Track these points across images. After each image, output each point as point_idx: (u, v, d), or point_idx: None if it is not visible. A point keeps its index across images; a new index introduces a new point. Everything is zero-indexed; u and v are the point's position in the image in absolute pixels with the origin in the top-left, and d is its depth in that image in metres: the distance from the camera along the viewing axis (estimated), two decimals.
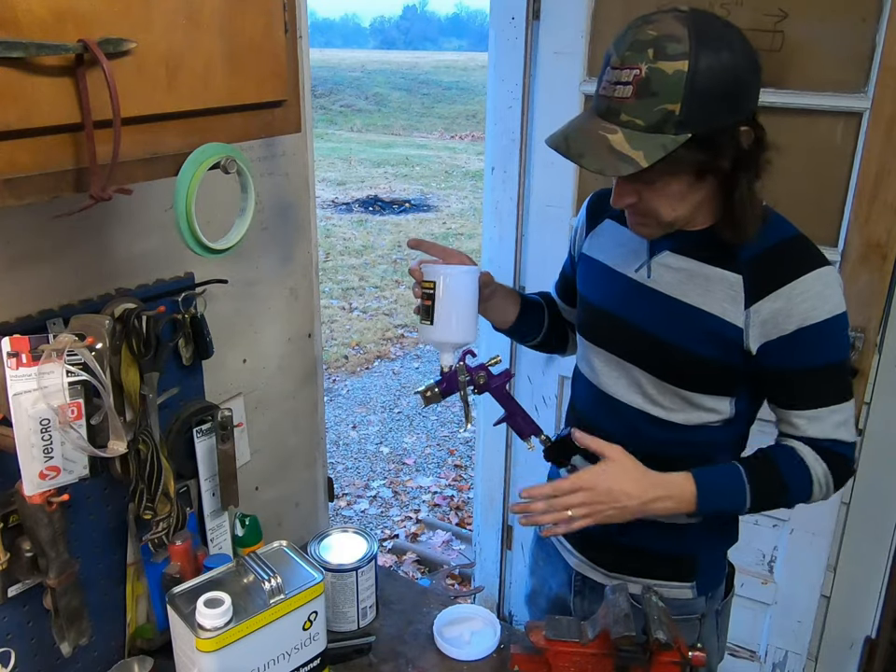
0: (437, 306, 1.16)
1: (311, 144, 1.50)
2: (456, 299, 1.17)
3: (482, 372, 1.20)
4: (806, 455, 1.09)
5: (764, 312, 1.04)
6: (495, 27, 2.03)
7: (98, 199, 0.75)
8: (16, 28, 0.65)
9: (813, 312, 1.03)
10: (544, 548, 1.41)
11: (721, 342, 1.07)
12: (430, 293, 1.16)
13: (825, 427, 1.08)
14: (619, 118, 0.95)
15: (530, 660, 1.11)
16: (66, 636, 1.04)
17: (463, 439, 4.22)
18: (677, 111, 0.92)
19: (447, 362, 1.19)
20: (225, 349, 1.35)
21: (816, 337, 1.04)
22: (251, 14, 0.87)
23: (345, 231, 8.45)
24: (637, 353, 1.16)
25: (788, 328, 1.03)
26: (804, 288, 1.03)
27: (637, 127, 0.94)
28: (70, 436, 0.91)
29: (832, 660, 1.99)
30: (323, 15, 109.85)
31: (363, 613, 1.31)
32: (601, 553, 1.27)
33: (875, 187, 1.61)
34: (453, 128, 16.03)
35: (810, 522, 1.86)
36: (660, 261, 1.13)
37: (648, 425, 1.16)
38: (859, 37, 1.58)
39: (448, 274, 1.16)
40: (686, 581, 1.22)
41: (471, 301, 1.18)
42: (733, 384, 1.11)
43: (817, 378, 1.08)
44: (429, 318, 1.16)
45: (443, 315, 1.16)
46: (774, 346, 1.05)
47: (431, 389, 1.20)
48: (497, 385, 1.21)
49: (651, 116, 0.93)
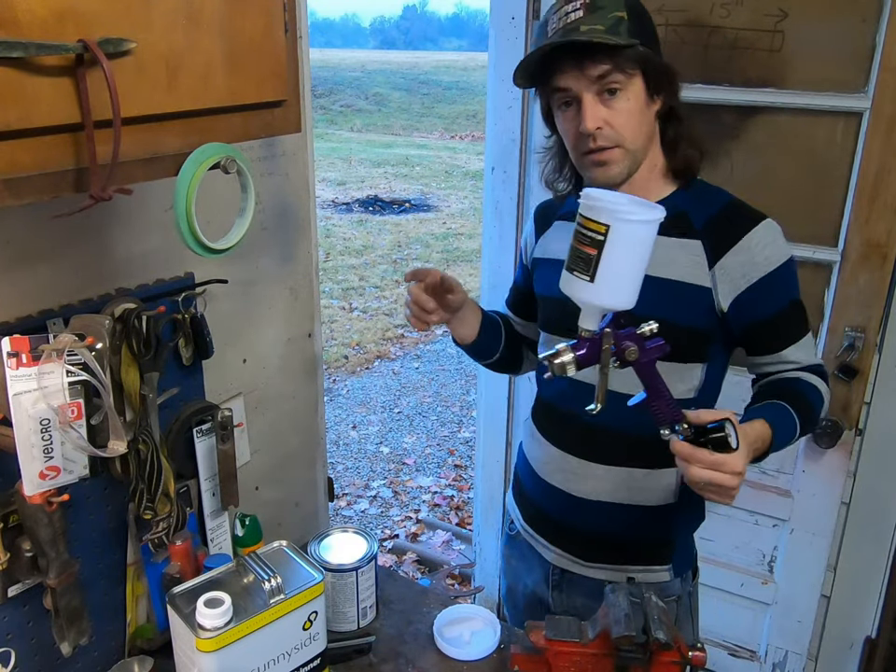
0: (603, 260, 0.87)
1: (311, 144, 1.50)
2: (634, 254, 0.89)
3: (632, 345, 0.93)
4: (813, 380, 1.18)
5: (729, 267, 1.13)
6: (495, 27, 2.03)
7: (98, 199, 0.75)
8: (16, 28, 0.65)
9: (773, 257, 1.13)
10: (516, 546, 1.42)
11: (691, 306, 1.14)
12: (599, 239, 0.87)
13: (805, 355, 1.19)
14: (579, 31, 1.05)
15: (530, 660, 1.11)
16: (66, 636, 1.04)
17: (463, 439, 4.22)
18: (625, 17, 1.06)
19: (590, 326, 0.94)
20: (225, 349, 1.35)
21: (780, 280, 1.14)
22: (251, 14, 0.87)
23: (345, 231, 8.46)
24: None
25: (754, 276, 1.12)
26: (759, 239, 1.12)
27: (598, 31, 1.05)
28: (70, 436, 0.91)
29: (832, 660, 1.99)
30: (323, 15, 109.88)
31: (363, 613, 1.31)
32: (580, 545, 1.28)
33: (875, 187, 1.61)
34: (453, 128, 16.03)
35: (810, 522, 1.86)
36: None
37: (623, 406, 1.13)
38: (859, 37, 1.58)
39: (630, 220, 0.87)
40: (663, 564, 1.26)
41: (648, 258, 0.91)
42: (705, 348, 1.17)
43: (789, 317, 1.18)
44: (589, 273, 0.88)
45: (612, 273, 0.88)
46: (745, 298, 1.13)
47: (564, 354, 0.93)
48: (648, 360, 0.95)
49: (607, 21, 1.05)
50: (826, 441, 1.76)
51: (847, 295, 1.69)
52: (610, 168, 1.13)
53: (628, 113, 1.10)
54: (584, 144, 1.12)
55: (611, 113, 1.09)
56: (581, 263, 0.89)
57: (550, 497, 1.29)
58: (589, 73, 1.07)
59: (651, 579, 1.25)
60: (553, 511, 1.30)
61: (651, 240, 0.90)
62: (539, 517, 1.34)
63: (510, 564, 1.46)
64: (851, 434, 1.76)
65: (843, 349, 1.71)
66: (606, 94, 1.09)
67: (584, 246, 0.89)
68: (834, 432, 1.75)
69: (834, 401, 1.74)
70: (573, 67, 1.08)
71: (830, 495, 1.82)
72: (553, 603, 1.34)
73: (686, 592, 1.29)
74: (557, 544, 1.31)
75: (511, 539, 1.44)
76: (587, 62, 1.07)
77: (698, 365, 1.18)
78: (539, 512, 1.34)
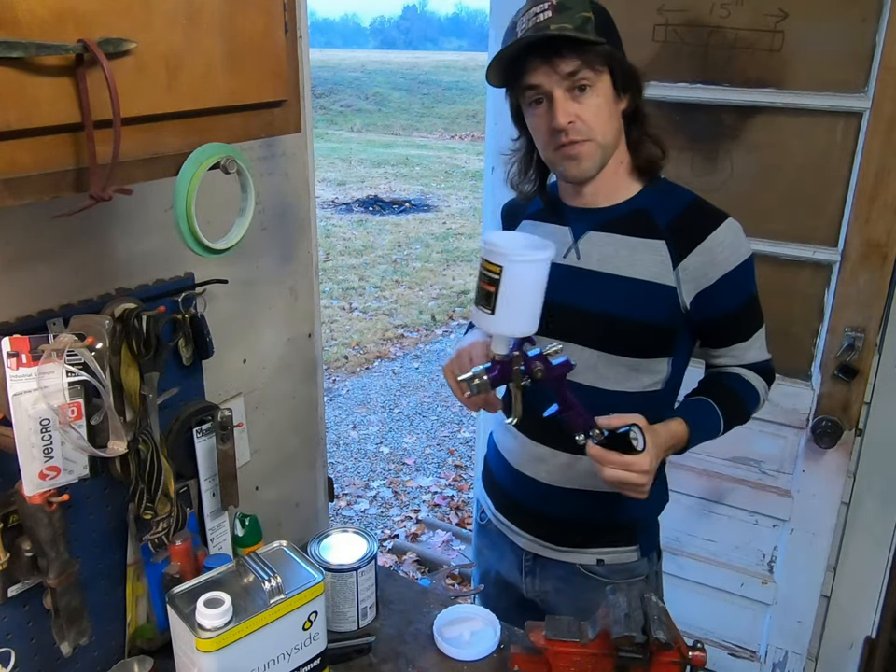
0: (500, 296, 0.99)
1: (311, 144, 1.50)
2: (525, 289, 1.01)
3: (539, 363, 1.06)
4: (751, 378, 1.26)
5: (691, 267, 1.17)
6: (495, 27, 2.03)
7: (98, 199, 0.75)
8: (16, 28, 0.65)
9: (732, 257, 1.17)
10: (487, 535, 1.45)
11: (657, 304, 1.18)
12: (495, 279, 0.99)
13: (754, 352, 1.27)
14: (550, 29, 1.08)
15: (530, 660, 1.11)
16: (66, 636, 1.04)
17: (463, 439, 4.22)
18: (591, 17, 1.09)
19: (501, 350, 1.06)
20: (225, 349, 1.35)
21: (737, 279, 1.18)
22: (251, 14, 0.87)
23: (345, 231, 8.46)
24: (581, 333, 1.22)
25: (714, 276, 1.17)
26: (720, 240, 1.17)
27: (567, 30, 1.08)
28: (70, 436, 0.91)
29: (832, 660, 1.99)
30: (323, 15, 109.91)
31: (363, 613, 1.31)
32: (552, 531, 1.32)
33: (875, 187, 1.61)
34: (453, 128, 16.04)
35: (810, 522, 1.86)
36: (585, 242, 1.23)
37: (595, 399, 1.19)
38: (859, 37, 1.58)
39: (520, 261, 0.99)
40: (630, 545, 1.31)
41: (541, 290, 1.02)
42: (672, 343, 1.22)
43: (746, 313, 1.24)
44: (490, 307, 1.00)
45: (508, 306, 1.00)
46: (704, 296, 1.18)
47: (480, 377, 1.06)
48: (555, 376, 1.07)
49: (575, 20, 1.08)
50: (826, 441, 1.76)
51: (847, 295, 1.69)
52: (582, 162, 1.16)
53: (598, 108, 1.13)
54: (556, 139, 1.15)
55: (581, 108, 1.12)
56: (483, 299, 1.01)
57: (521, 486, 1.33)
58: (559, 69, 1.10)
59: (620, 559, 1.31)
60: (525, 499, 1.34)
61: (541, 275, 1.01)
62: (510, 505, 1.38)
63: (481, 553, 1.49)
64: (851, 434, 1.76)
65: (843, 349, 1.70)
66: (576, 91, 1.11)
67: (485, 284, 1.01)
68: (834, 432, 1.75)
69: (834, 401, 1.74)
70: (543, 64, 1.10)
71: (830, 495, 1.82)
72: (525, 588, 1.38)
73: (653, 572, 1.35)
74: (529, 531, 1.35)
75: (482, 529, 1.47)
76: (557, 59, 1.09)
77: (665, 359, 1.23)
78: (511, 501, 1.37)
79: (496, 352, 1.06)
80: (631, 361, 1.21)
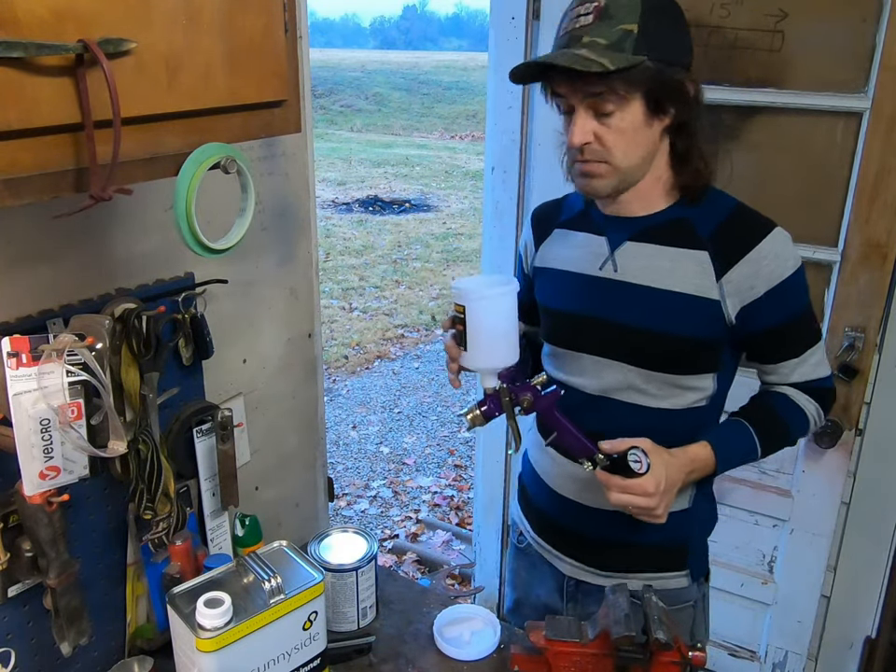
0: (469, 333, 1.05)
1: (311, 144, 1.50)
2: (490, 324, 1.06)
3: (527, 394, 1.09)
4: (798, 398, 1.19)
5: (737, 280, 1.10)
6: (495, 27, 2.03)
7: (98, 199, 0.75)
8: (16, 28, 0.65)
9: (779, 270, 1.10)
10: (526, 557, 1.39)
11: (701, 318, 1.12)
12: (461, 317, 1.06)
13: (807, 369, 1.18)
14: (581, 41, 1.02)
15: (530, 660, 1.11)
16: (66, 636, 1.04)
17: (463, 438, 4.22)
18: (634, 31, 1.01)
19: (489, 384, 1.10)
20: (225, 349, 1.35)
21: (785, 293, 1.12)
22: (251, 14, 0.87)
23: (345, 231, 8.46)
24: (619, 349, 1.16)
25: (761, 289, 1.11)
26: (766, 251, 1.10)
27: (599, 46, 1.01)
28: (70, 436, 0.91)
29: (832, 660, 1.99)
30: (323, 15, 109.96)
31: (363, 613, 1.31)
32: (595, 555, 1.26)
33: (875, 187, 1.61)
34: (453, 128, 16.03)
35: (810, 522, 1.86)
36: (623, 253, 1.17)
37: (635, 416, 1.17)
38: (859, 37, 1.58)
39: (477, 299, 1.05)
40: (680, 570, 1.25)
41: (508, 324, 1.07)
42: (717, 358, 1.16)
43: (793, 329, 1.17)
44: (462, 344, 1.07)
45: (476, 342, 1.06)
46: (750, 310, 1.12)
47: (473, 412, 1.11)
48: (544, 406, 1.10)
49: (612, 35, 1.01)
50: (826, 441, 1.76)
51: (847, 295, 1.69)
52: (595, 181, 1.11)
53: (620, 132, 1.06)
54: (573, 153, 1.11)
55: (602, 129, 1.06)
56: (458, 338, 1.09)
57: (561, 508, 1.27)
58: (583, 88, 1.05)
59: (669, 585, 1.24)
60: (566, 522, 1.28)
61: (503, 309, 1.06)
62: (550, 528, 1.32)
63: (519, 576, 1.43)
64: (851, 434, 1.76)
65: (843, 349, 1.70)
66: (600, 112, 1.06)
67: (457, 325, 1.08)
68: (834, 432, 1.75)
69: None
70: (567, 81, 1.06)
71: (830, 495, 1.82)
72: (567, 614, 1.32)
73: (701, 595, 1.29)
74: (571, 555, 1.28)
75: (520, 552, 1.41)
76: (580, 81, 1.03)
77: (710, 375, 1.16)
78: (551, 523, 1.32)
79: (484, 386, 1.10)
80: (674, 378, 1.15)
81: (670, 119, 1.09)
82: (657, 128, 1.09)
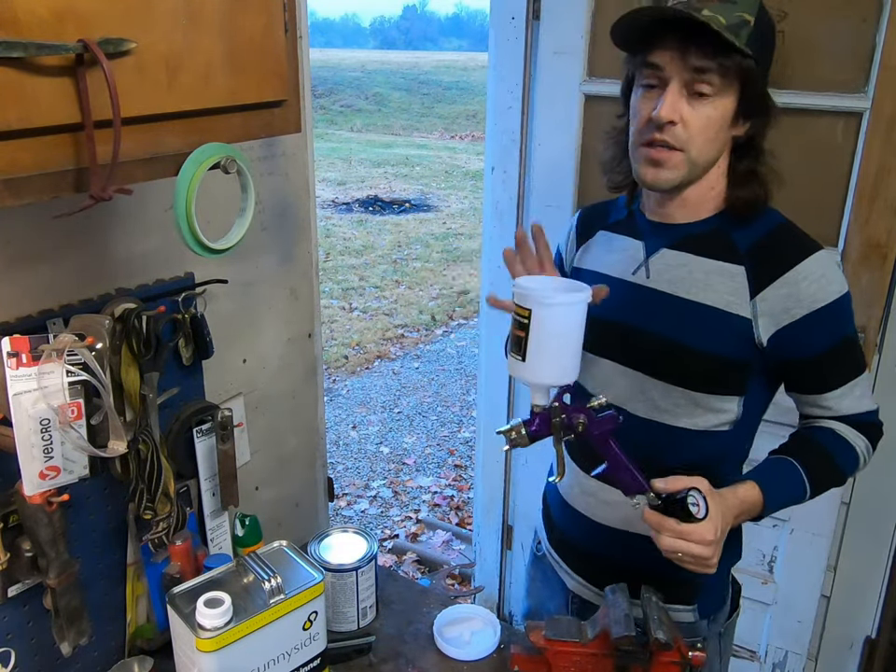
0: (530, 342, 0.94)
1: (311, 144, 1.50)
2: (559, 335, 0.95)
3: (581, 417, 0.97)
4: (847, 434, 1.10)
5: (771, 299, 1.04)
6: (495, 27, 2.03)
7: (98, 199, 0.75)
8: (16, 28, 0.65)
9: (820, 294, 1.03)
10: (541, 567, 1.37)
11: (729, 336, 1.06)
12: (524, 322, 0.94)
13: (851, 402, 1.10)
14: (701, 12, 0.94)
15: (530, 660, 1.11)
16: (66, 636, 1.04)
17: (463, 438, 4.22)
18: (751, 23, 0.96)
19: (540, 402, 0.98)
20: (225, 349, 1.35)
21: (827, 318, 1.04)
22: (251, 14, 0.87)
23: (345, 231, 8.46)
24: (640, 358, 1.12)
25: (798, 313, 1.03)
26: (807, 273, 1.03)
27: (718, 22, 0.94)
28: (70, 436, 0.91)
29: (832, 660, 1.99)
30: (323, 15, 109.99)
31: (363, 613, 1.31)
32: (599, 575, 1.22)
33: (875, 187, 1.61)
34: (453, 128, 16.04)
35: (810, 522, 1.85)
36: (657, 260, 1.12)
37: (652, 433, 1.12)
38: (859, 37, 1.58)
39: (548, 305, 0.93)
40: (687, 604, 1.18)
41: (576, 336, 0.97)
42: (743, 381, 1.09)
43: (835, 358, 1.08)
44: (521, 353, 0.95)
45: (540, 353, 0.94)
46: (787, 333, 1.04)
47: (517, 430, 0.99)
48: (599, 433, 0.98)
49: (732, 18, 0.95)
50: None
51: None
52: (663, 171, 1.04)
53: (707, 121, 1.00)
54: (649, 132, 1.03)
55: (691, 113, 1.00)
56: (515, 345, 0.96)
57: (572, 522, 1.24)
58: (689, 59, 0.97)
59: (676, 618, 1.15)
60: (576, 537, 1.26)
61: (574, 320, 0.95)
62: (562, 542, 1.30)
63: (534, 584, 1.40)
64: None
65: None
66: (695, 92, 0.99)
67: (516, 330, 0.96)
68: None
69: None
70: (675, 47, 0.98)
71: (830, 494, 1.80)
72: None
73: (715, 633, 1.21)
74: (578, 572, 1.26)
75: (538, 560, 1.39)
76: (692, 47, 0.96)
77: (735, 398, 1.09)
78: (563, 537, 1.29)
79: (534, 403, 0.99)
80: (692, 395, 1.08)
81: (745, 130, 1.05)
82: (731, 134, 1.05)
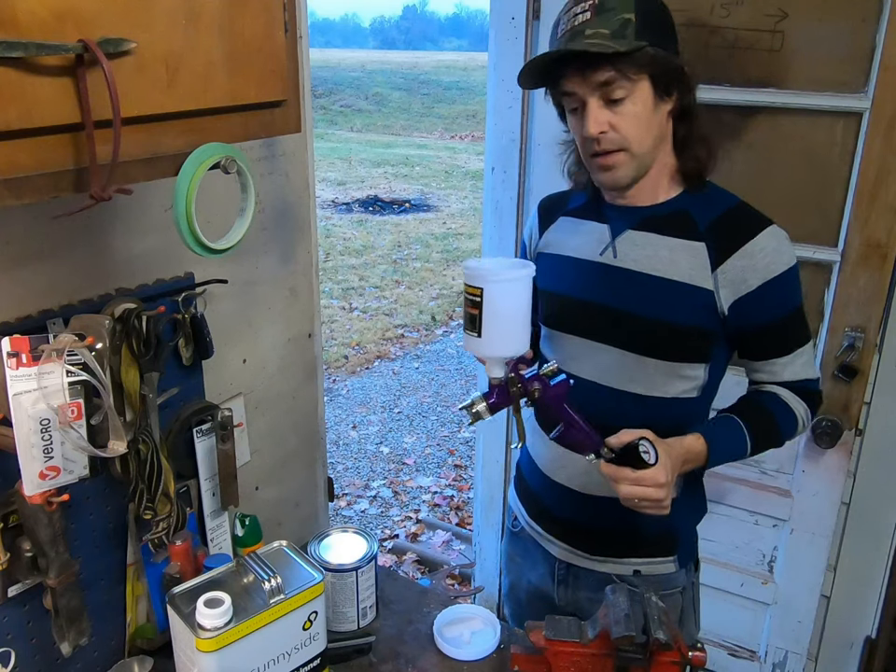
0: (484, 318, 1.00)
1: (311, 144, 1.50)
2: (508, 309, 1.01)
3: (536, 384, 1.05)
4: (788, 399, 1.21)
5: (731, 271, 1.13)
6: (495, 27, 2.03)
7: (98, 199, 0.75)
8: (16, 28, 0.65)
9: (773, 265, 1.13)
10: (519, 542, 1.43)
11: (694, 307, 1.15)
12: (477, 301, 1.00)
13: (796, 369, 1.20)
14: (584, 35, 1.05)
15: (530, 660, 1.11)
16: (66, 636, 1.04)
17: (463, 439, 4.22)
18: (633, 18, 1.05)
19: (497, 374, 1.05)
20: (225, 349, 1.35)
21: (780, 288, 1.14)
22: (251, 14, 0.87)
23: (345, 231, 8.46)
24: (613, 333, 1.19)
25: (754, 283, 1.13)
26: (762, 245, 1.13)
27: (603, 36, 1.05)
28: (70, 436, 0.91)
29: (832, 660, 1.99)
30: (323, 15, 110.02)
31: (363, 613, 1.31)
32: (585, 540, 1.29)
33: (875, 187, 1.60)
34: (453, 128, 16.04)
35: (810, 522, 1.86)
36: (623, 241, 1.20)
37: (626, 403, 1.20)
38: (859, 37, 1.58)
39: (496, 282, 1.00)
40: (669, 555, 1.28)
41: (525, 310, 1.03)
42: (709, 348, 1.18)
43: (784, 327, 1.19)
44: (476, 329, 1.01)
45: (492, 327, 1.00)
46: (743, 303, 1.14)
47: (478, 403, 1.06)
48: (554, 397, 1.06)
49: (613, 24, 1.05)
50: (826, 441, 1.76)
51: (847, 295, 1.69)
52: (616, 173, 1.14)
53: (634, 117, 1.09)
54: (590, 146, 1.13)
55: (616, 117, 1.09)
56: (470, 323, 1.02)
57: (555, 494, 1.30)
58: (592, 79, 1.07)
59: (657, 570, 1.27)
60: (559, 508, 1.31)
61: (522, 294, 1.02)
62: (544, 514, 1.35)
63: (513, 560, 1.46)
64: (851, 434, 1.76)
65: (843, 349, 1.70)
66: (611, 100, 1.09)
67: (469, 308, 1.02)
68: (834, 432, 1.75)
69: (834, 401, 1.73)
70: (576, 74, 1.08)
71: (830, 495, 1.82)
72: (557, 598, 1.35)
73: (690, 582, 1.31)
74: (563, 539, 1.32)
75: (514, 536, 1.45)
76: (589, 70, 1.07)
77: (701, 365, 1.19)
78: (545, 509, 1.35)
79: (491, 376, 1.06)
80: (665, 365, 1.17)
81: (673, 103, 1.13)
82: (663, 111, 1.13)
